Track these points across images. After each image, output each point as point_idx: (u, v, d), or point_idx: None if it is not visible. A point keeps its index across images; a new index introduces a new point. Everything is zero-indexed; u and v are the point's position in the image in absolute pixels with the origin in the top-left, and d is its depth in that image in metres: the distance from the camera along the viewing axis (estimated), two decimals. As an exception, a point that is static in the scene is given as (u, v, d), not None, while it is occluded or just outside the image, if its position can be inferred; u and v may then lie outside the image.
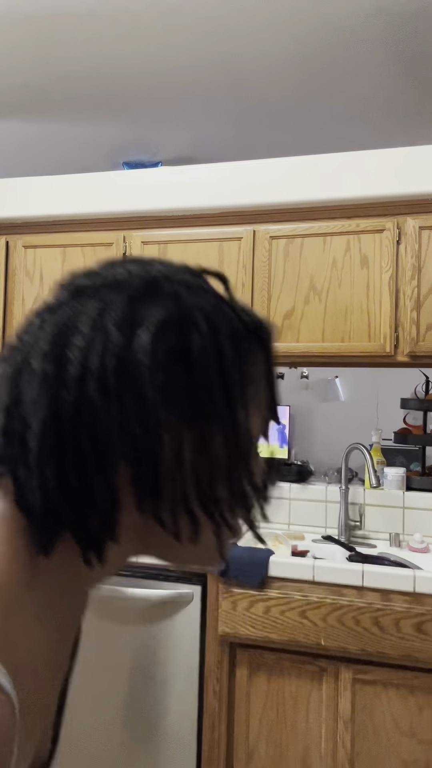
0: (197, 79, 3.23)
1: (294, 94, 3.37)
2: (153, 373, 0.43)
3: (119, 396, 0.43)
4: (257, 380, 0.49)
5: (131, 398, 0.43)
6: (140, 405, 0.43)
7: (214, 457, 0.46)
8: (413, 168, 2.14)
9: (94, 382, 0.43)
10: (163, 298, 0.46)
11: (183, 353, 0.44)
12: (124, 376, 0.43)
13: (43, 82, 3.29)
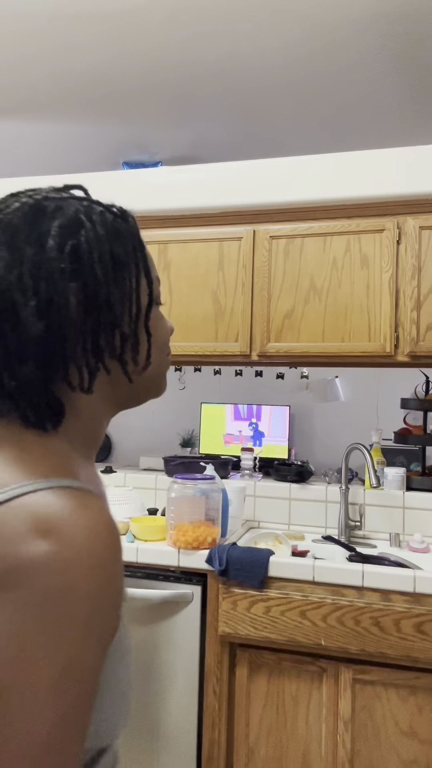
0: (197, 79, 3.23)
1: (294, 94, 3.37)
2: (62, 265, 0.58)
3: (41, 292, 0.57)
4: (131, 253, 0.66)
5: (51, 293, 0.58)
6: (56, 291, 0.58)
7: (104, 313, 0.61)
8: (413, 168, 2.14)
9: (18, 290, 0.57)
10: (50, 217, 0.60)
11: (77, 247, 0.59)
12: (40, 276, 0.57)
13: (43, 82, 3.29)
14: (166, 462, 2.66)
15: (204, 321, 2.34)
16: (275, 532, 2.18)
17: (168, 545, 2.04)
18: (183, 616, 1.97)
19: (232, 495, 2.25)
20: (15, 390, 0.58)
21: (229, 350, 2.31)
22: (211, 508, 2.05)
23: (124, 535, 2.19)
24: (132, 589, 2.01)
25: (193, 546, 1.99)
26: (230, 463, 2.69)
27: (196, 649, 1.96)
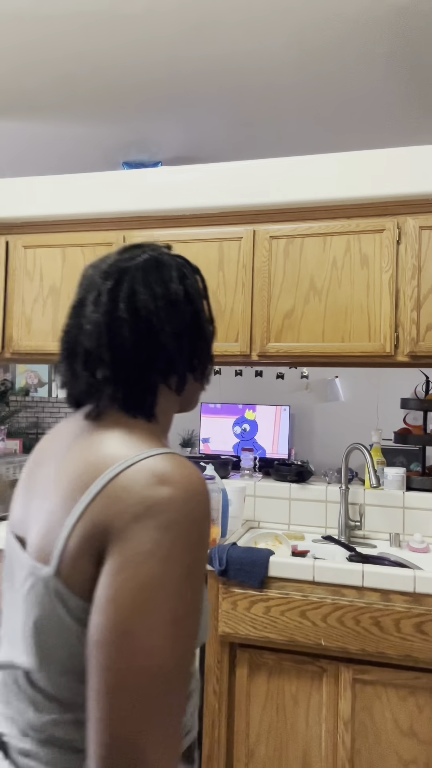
0: (197, 79, 3.23)
1: (294, 94, 3.37)
2: (185, 302, 0.84)
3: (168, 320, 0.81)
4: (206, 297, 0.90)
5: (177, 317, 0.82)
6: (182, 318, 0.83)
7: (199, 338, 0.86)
8: (413, 168, 2.14)
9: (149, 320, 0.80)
10: (170, 267, 0.84)
11: (190, 293, 0.84)
12: (180, 307, 0.83)
13: (42, 82, 3.29)
14: (166, 462, 2.66)
15: (204, 321, 2.34)
16: (275, 532, 2.18)
17: (168, 545, 2.04)
18: (183, 616, 1.97)
19: (232, 495, 2.25)
20: (131, 387, 0.80)
21: (229, 350, 2.31)
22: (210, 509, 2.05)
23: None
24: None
25: (193, 546, 1.99)
26: (230, 463, 2.69)
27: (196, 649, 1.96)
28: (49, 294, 2.53)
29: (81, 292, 0.83)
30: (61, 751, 0.68)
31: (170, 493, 0.67)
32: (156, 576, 0.62)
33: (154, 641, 0.61)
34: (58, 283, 2.52)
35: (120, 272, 0.81)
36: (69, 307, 0.85)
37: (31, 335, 2.54)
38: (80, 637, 0.67)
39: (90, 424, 0.79)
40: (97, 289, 0.81)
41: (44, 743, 0.69)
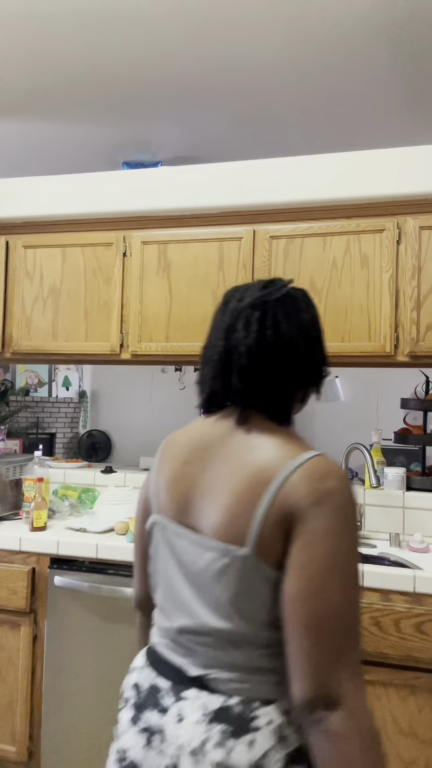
0: (197, 79, 3.23)
1: (294, 94, 3.37)
2: (314, 328, 1.02)
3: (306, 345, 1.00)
4: None
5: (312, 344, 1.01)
6: (314, 343, 1.01)
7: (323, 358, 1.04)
8: (413, 168, 2.14)
9: (292, 343, 0.98)
10: (299, 299, 1.02)
11: (314, 319, 1.03)
12: (310, 333, 1.01)
13: (43, 82, 3.29)
14: (166, 462, 2.66)
15: (204, 321, 2.34)
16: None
17: (168, 545, 2.04)
18: (183, 616, 1.98)
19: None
20: (282, 401, 0.99)
21: (229, 350, 2.31)
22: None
23: (124, 535, 2.19)
24: (132, 589, 2.01)
25: (193, 546, 1.99)
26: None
27: (196, 649, 1.96)
28: (49, 294, 2.53)
29: (229, 319, 1.01)
30: (257, 679, 0.91)
31: (335, 485, 0.88)
32: (335, 547, 0.84)
33: (338, 594, 0.83)
34: (58, 283, 2.52)
35: (264, 305, 0.99)
36: (214, 328, 1.04)
37: (31, 335, 2.54)
38: (274, 598, 0.89)
39: (239, 428, 0.99)
40: (246, 318, 0.99)
41: (245, 676, 0.91)
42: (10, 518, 2.44)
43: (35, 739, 2.13)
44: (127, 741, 0.97)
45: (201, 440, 1.01)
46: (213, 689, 0.92)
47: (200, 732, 0.88)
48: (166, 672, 0.97)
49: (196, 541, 0.95)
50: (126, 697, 1.01)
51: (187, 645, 0.96)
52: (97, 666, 2.06)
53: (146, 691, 0.98)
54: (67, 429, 6.85)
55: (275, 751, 0.86)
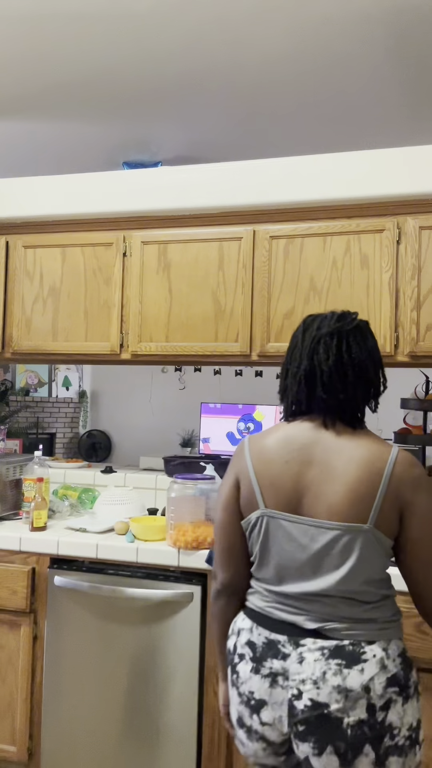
0: (197, 79, 3.23)
1: (294, 94, 3.37)
2: (377, 352, 1.31)
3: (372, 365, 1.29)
4: None
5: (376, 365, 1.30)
6: (378, 364, 1.31)
7: None
8: (413, 168, 2.14)
9: (363, 364, 1.27)
10: (366, 329, 1.31)
11: (376, 346, 1.31)
12: (375, 356, 1.30)
13: (43, 82, 3.29)
14: (166, 462, 2.66)
15: (204, 321, 2.34)
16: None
17: (168, 545, 2.04)
18: (183, 616, 1.98)
19: (232, 495, 2.25)
20: (357, 409, 1.28)
21: (229, 350, 2.31)
22: (211, 508, 2.05)
23: (123, 535, 2.19)
24: (132, 589, 2.01)
25: (193, 546, 1.99)
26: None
27: (196, 648, 1.96)
28: (49, 294, 2.53)
29: (310, 343, 1.28)
30: (363, 626, 1.19)
31: (422, 471, 1.22)
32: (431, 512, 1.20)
33: None
34: (58, 283, 2.52)
35: (340, 333, 1.26)
36: (295, 349, 1.31)
37: (31, 335, 2.54)
38: (385, 562, 1.22)
39: (327, 431, 1.25)
40: (326, 344, 1.26)
41: (354, 626, 1.19)
42: (10, 518, 2.44)
43: (35, 739, 2.13)
44: (252, 686, 1.23)
45: (294, 442, 1.26)
46: (328, 637, 1.19)
47: (320, 666, 1.16)
48: (280, 628, 1.22)
49: (314, 525, 1.21)
50: (240, 653, 1.26)
51: (304, 606, 1.21)
52: (97, 666, 2.06)
53: (263, 645, 1.23)
54: (67, 429, 6.85)
55: (378, 676, 1.15)
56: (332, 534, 1.19)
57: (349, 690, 1.14)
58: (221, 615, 1.36)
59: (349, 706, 1.13)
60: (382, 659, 1.17)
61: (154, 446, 6.03)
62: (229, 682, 1.30)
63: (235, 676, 1.27)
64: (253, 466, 1.27)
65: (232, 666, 1.28)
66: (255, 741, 1.24)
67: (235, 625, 1.31)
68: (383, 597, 1.23)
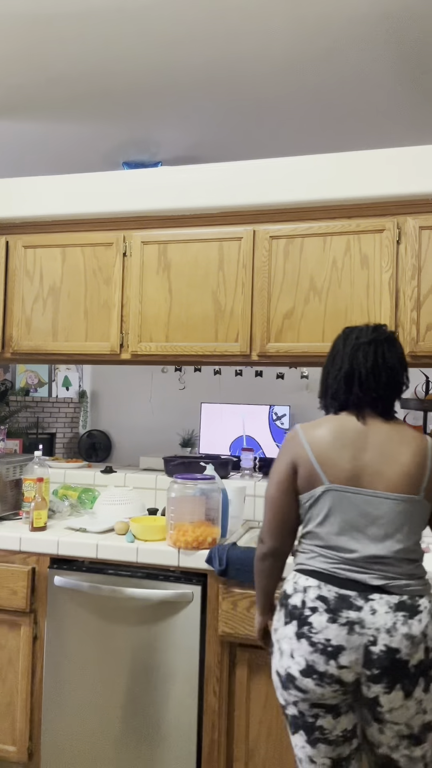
0: (197, 80, 3.23)
1: (294, 94, 3.37)
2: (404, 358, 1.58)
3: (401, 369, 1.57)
4: None
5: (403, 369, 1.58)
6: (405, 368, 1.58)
7: None
8: (413, 168, 2.14)
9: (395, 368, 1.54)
10: (396, 340, 1.58)
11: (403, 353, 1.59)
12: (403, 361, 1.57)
13: (43, 81, 3.29)
14: (166, 462, 2.66)
15: (204, 321, 2.34)
16: (275, 532, 2.17)
17: (168, 545, 2.04)
18: (183, 616, 1.98)
19: (232, 495, 2.25)
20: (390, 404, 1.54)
21: (229, 350, 2.31)
22: (211, 508, 2.05)
23: (123, 535, 2.19)
24: (132, 589, 2.01)
25: (193, 546, 1.99)
26: (230, 463, 2.69)
27: (196, 649, 1.96)
28: (49, 294, 2.53)
29: (350, 350, 1.54)
30: (416, 582, 1.43)
31: None
32: None
33: None
34: (58, 283, 2.52)
35: (376, 342, 1.53)
36: (337, 355, 1.56)
37: (31, 335, 2.54)
38: (425, 527, 1.50)
39: (370, 421, 1.51)
40: (364, 350, 1.52)
41: (410, 581, 1.43)
42: (10, 518, 2.44)
43: (35, 739, 2.13)
44: (329, 634, 1.39)
45: (347, 430, 1.50)
46: (391, 592, 1.41)
47: (390, 617, 1.38)
48: (349, 586, 1.42)
49: (377, 496, 1.45)
50: (312, 606, 1.43)
51: (369, 566, 1.43)
52: (97, 666, 2.06)
53: (335, 599, 1.41)
54: (67, 429, 6.85)
55: (430, 624, 1.41)
56: (392, 503, 1.44)
57: (413, 636, 1.38)
58: (269, 571, 1.59)
59: (413, 651, 1.38)
60: (430, 610, 1.42)
61: (154, 446, 6.03)
62: (292, 637, 1.44)
63: (307, 628, 1.42)
64: (312, 451, 1.49)
65: (302, 619, 1.43)
66: (327, 685, 1.40)
67: (298, 584, 1.48)
68: (422, 556, 1.49)
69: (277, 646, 1.49)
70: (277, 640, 1.49)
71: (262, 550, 1.58)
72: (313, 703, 1.43)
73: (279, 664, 1.47)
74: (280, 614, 1.50)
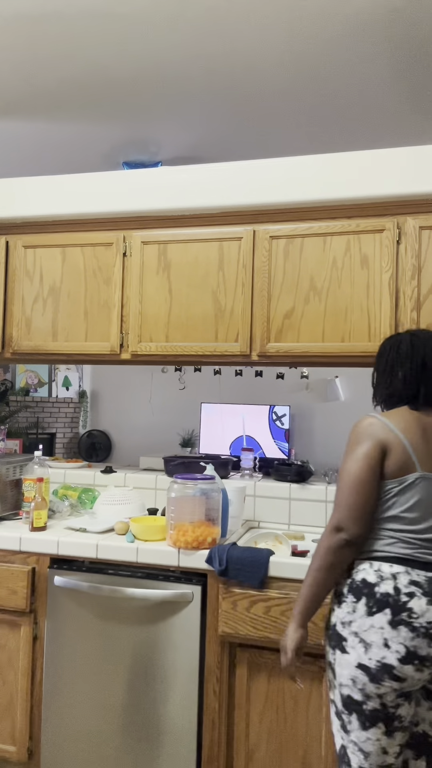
0: (197, 79, 3.23)
1: (294, 94, 3.37)
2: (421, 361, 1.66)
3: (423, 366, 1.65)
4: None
5: None
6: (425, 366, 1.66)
7: None
8: (413, 168, 2.14)
9: (420, 364, 1.64)
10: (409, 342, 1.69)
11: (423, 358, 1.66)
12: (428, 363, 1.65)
13: (43, 82, 3.29)
14: (166, 462, 2.66)
15: (204, 321, 2.34)
16: (275, 532, 2.18)
17: (168, 545, 2.04)
18: (183, 616, 1.98)
19: (232, 495, 2.25)
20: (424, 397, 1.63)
21: (229, 350, 2.31)
22: (211, 508, 2.05)
23: (123, 535, 2.19)
24: (132, 589, 2.01)
25: (193, 546, 1.99)
26: (230, 463, 2.69)
27: (196, 649, 1.96)
28: (49, 294, 2.53)
29: (422, 349, 1.64)
30: None
31: None
32: None
33: None
34: (58, 283, 2.52)
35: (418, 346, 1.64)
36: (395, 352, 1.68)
37: (31, 335, 2.54)
38: None
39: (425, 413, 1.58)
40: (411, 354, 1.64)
41: None
42: (10, 518, 2.44)
43: (35, 739, 2.13)
44: (431, 616, 1.40)
45: (421, 422, 1.56)
46: None
47: None
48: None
49: None
50: (408, 592, 1.42)
51: None
52: (97, 666, 2.06)
53: (427, 582, 1.43)
54: (67, 429, 6.84)
55: None
56: None
57: None
58: (341, 565, 1.49)
59: None
60: None
61: (154, 446, 6.03)
62: (384, 626, 1.41)
63: (406, 614, 1.40)
64: (405, 437, 1.52)
65: (399, 606, 1.41)
66: (426, 669, 1.40)
67: (383, 571, 1.46)
68: None
69: (354, 640, 1.45)
70: (353, 632, 1.45)
71: (342, 538, 1.48)
72: (402, 692, 1.42)
73: (364, 657, 1.43)
74: (359, 605, 1.45)
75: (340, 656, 1.47)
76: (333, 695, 1.51)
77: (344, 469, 1.55)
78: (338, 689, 1.48)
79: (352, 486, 1.50)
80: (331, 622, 1.52)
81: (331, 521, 1.51)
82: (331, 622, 1.52)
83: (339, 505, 1.50)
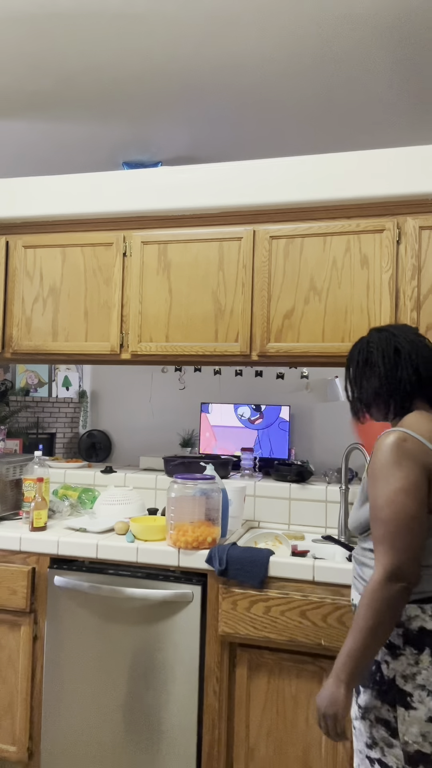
0: (197, 79, 3.23)
1: (294, 94, 3.37)
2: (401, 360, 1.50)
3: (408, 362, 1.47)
4: None
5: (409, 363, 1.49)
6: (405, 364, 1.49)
7: None
8: (413, 168, 2.14)
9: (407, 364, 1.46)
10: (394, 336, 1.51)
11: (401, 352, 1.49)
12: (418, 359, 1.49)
13: (43, 82, 3.29)
14: (166, 462, 2.66)
15: (204, 321, 2.34)
16: (275, 532, 2.18)
17: (168, 545, 2.04)
18: (183, 616, 1.98)
19: (232, 495, 2.25)
20: None
21: (229, 350, 2.31)
22: (211, 508, 2.05)
23: (123, 535, 2.19)
24: (132, 589, 2.01)
25: (193, 546, 1.99)
26: (230, 463, 2.69)
27: (196, 649, 1.96)
28: (49, 294, 2.53)
29: (420, 347, 1.49)
30: None
31: None
32: None
33: None
34: (58, 283, 2.52)
35: (408, 343, 1.50)
36: (398, 351, 1.48)
37: (31, 335, 2.54)
38: None
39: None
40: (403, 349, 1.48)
41: None
42: (10, 518, 2.44)
43: (35, 739, 2.13)
44: None
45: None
46: None
47: None
48: None
49: None
50: None
51: None
52: (97, 666, 2.06)
53: None
54: (67, 429, 6.84)
55: None
56: None
57: None
58: (399, 618, 1.30)
59: None
60: None
61: (154, 446, 6.03)
62: None
63: None
64: None
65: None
66: None
67: None
68: None
69: (422, 693, 1.30)
70: (419, 686, 1.30)
71: (404, 587, 1.27)
72: None
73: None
74: (422, 656, 1.31)
75: (404, 713, 1.31)
76: (379, 753, 1.35)
77: (390, 500, 1.30)
78: (399, 747, 1.32)
79: (405, 523, 1.27)
80: (385, 676, 1.34)
81: (385, 567, 1.27)
82: (385, 676, 1.34)
83: (393, 548, 1.26)
